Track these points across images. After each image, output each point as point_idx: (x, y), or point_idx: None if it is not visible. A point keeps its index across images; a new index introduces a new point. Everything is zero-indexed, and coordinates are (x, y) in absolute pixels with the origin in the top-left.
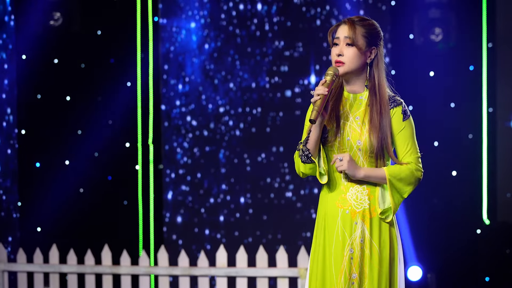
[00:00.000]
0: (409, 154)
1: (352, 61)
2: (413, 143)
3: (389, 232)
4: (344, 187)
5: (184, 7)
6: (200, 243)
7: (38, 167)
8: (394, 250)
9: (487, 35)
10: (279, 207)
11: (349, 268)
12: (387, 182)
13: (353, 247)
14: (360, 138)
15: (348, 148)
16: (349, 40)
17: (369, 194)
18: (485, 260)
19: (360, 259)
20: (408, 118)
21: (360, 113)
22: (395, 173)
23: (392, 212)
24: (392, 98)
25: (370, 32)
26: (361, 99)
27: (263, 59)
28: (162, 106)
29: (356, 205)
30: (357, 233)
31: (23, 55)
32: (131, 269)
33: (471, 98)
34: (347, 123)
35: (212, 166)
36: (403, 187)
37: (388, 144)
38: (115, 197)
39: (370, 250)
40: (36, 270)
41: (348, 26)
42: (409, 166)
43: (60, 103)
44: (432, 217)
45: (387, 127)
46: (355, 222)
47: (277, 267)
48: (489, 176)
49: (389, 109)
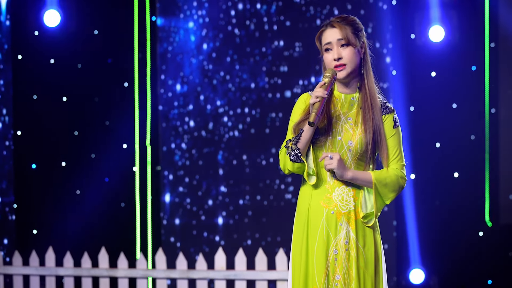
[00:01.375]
0: (395, 160)
1: (352, 60)
2: (400, 150)
3: (373, 235)
4: (330, 186)
5: (182, 6)
6: (199, 246)
7: (34, 169)
8: (378, 252)
9: (489, 34)
10: (279, 209)
11: (333, 269)
12: (372, 186)
13: (337, 248)
14: (352, 139)
15: (338, 148)
16: (344, 41)
17: (354, 196)
18: (488, 263)
19: (345, 260)
20: (397, 127)
21: (353, 114)
22: (381, 178)
23: (374, 217)
24: (384, 105)
25: (356, 28)
26: (353, 100)
27: (262, 59)
28: (160, 106)
29: (342, 206)
30: (341, 235)
31: (19, 55)
32: (129, 272)
33: (473, 99)
34: (339, 122)
35: (210, 167)
36: (387, 193)
37: (382, 146)
38: (112, 199)
39: (356, 252)
40: (32, 273)
41: (338, 28)
42: (395, 172)
43: (57, 104)
44: (434, 219)
45: (379, 121)
46: (340, 223)
47: (277, 270)
48: (491, 177)
49: (379, 103)
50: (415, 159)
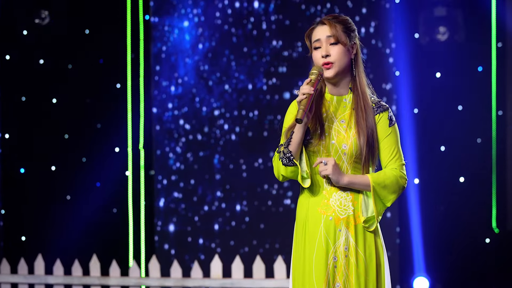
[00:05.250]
0: (393, 160)
1: (340, 59)
2: (398, 149)
3: (374, 240)
4: (327, 192)
5: (176, 4)
6: (194, 253)
7: (22, 173)
8: (380, 257)
9: (496, 34)
10: (277, 215)
11: (333, 277)
12: (371, 190)
13: (337, 255)
14: (346, 141)
15: (332, 152)
16: (333, 39)
17: (353, 200)
18: (495, 271)
19: (345, 267)
20: (393, 124)
21: (345, 116)
22: (379, 180)
23: (375, 221)
24: (378, 103)
25: (347, 27)
26: (345, 102)
27: (260, 59)
28: (154, 109)
29: (340, 211)
30: (341, 241)
31: (6, 55)
32: (121, 281)
33: (479, 101)
34: (331, 126)
35: (206, 172)
36: (387, 195)
37: (375, 141)
38: (104, 204)
39: (356, 258)
40: (21, 281)
41: (328, 25)
42: (394, 172)
43: (46, 106)
44: (439, 225)
45: (372, 123)
46: (339, 229)
47: (275, 278)
48: (498, 182)
49: (370, 104)
50: (419, 163)
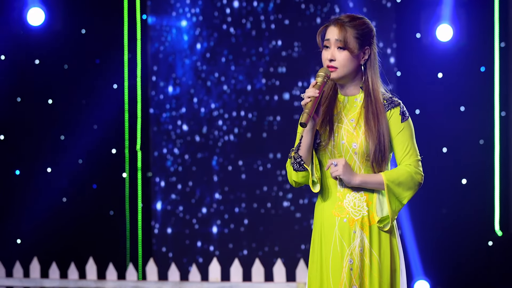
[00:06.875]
0: (408, 156)
1: (344, 66)
2: (412, 145)
3: (390, 241)
4: (341, 194)
5: (174, 4)
6: (192, 256)
7: (17, 175)
8: (396, 260)
9: (499, 33)
10: (277, 217)
11: (349, 280)
12: (384, 188)
13: (353, 258)
14: (355, 140)
15: (343, 152)
16: (340, 44)
17: (367, 201)
18: (498, 274)
19: (360, 269)
20: (407, 120)
21: (355, 115)
22: (393, 178)
23: (390, 220)
24: (389, 99)
25: (361, 33)
26: (356, 101)
27: (259, 59)
28: (151, 109)
29: (354, 212)
30: (356, 242)
31: (1, 56)
32: (118, 284)
33: (482, 101)
34: (341, 126)
35: (204, 173)
36: (402, 192)
37: (386, 146)
38: (101, 207)
39: (370, 260)
40: (16, 284)
41: (338, 28)
42: (407, 169)
43: (42, 107)
44: (441, 228)
45: (383, 128)
46: (354, 231)
47: (274, 282)
48: (501, 184)
49: (384, 110)
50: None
